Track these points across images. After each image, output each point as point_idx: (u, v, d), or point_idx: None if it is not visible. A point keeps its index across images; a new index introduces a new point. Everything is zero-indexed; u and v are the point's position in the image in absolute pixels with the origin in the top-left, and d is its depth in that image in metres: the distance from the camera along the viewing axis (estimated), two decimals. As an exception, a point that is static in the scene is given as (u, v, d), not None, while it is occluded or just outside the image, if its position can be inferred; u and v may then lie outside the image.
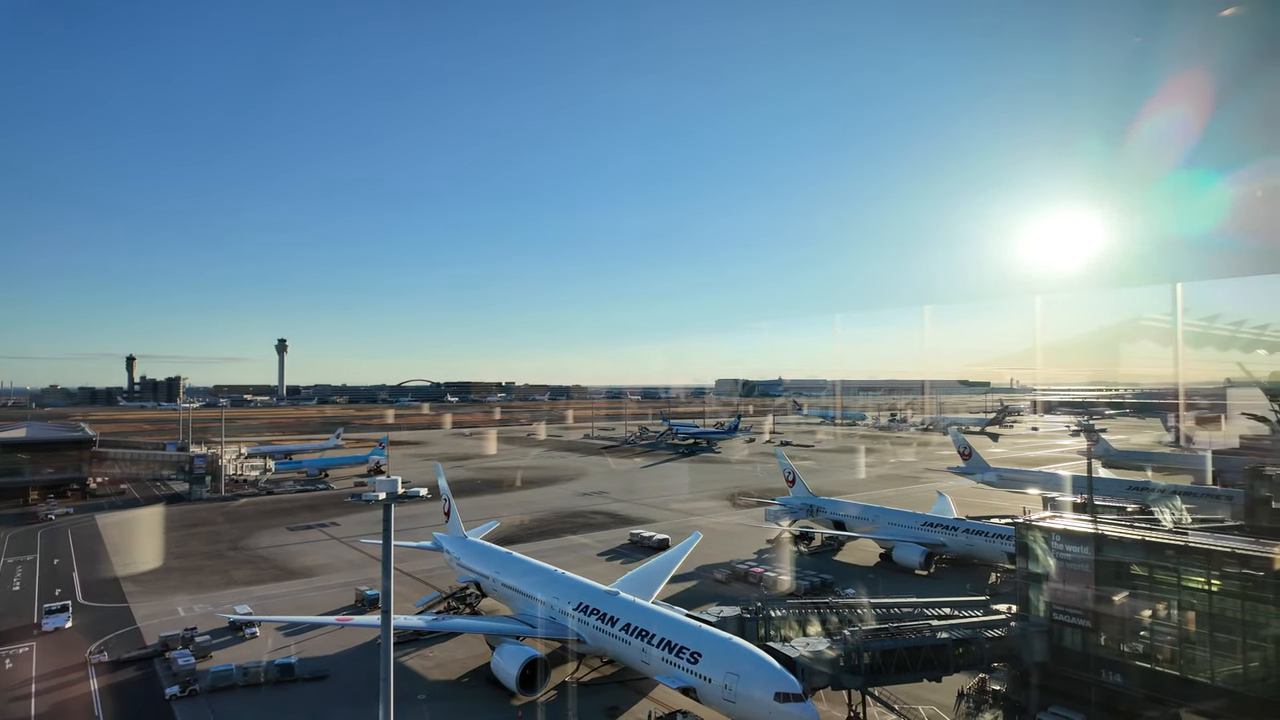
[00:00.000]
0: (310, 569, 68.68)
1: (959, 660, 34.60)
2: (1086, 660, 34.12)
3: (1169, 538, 34.39)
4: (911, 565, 65.45)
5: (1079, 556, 34.80)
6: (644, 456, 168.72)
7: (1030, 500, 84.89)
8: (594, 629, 40.52)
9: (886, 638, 34.18)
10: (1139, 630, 33.45)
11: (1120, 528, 37.03)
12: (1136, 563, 33.87)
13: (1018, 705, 35.53)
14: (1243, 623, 30.43)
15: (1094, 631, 34.05)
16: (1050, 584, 35.66)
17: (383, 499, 26.58)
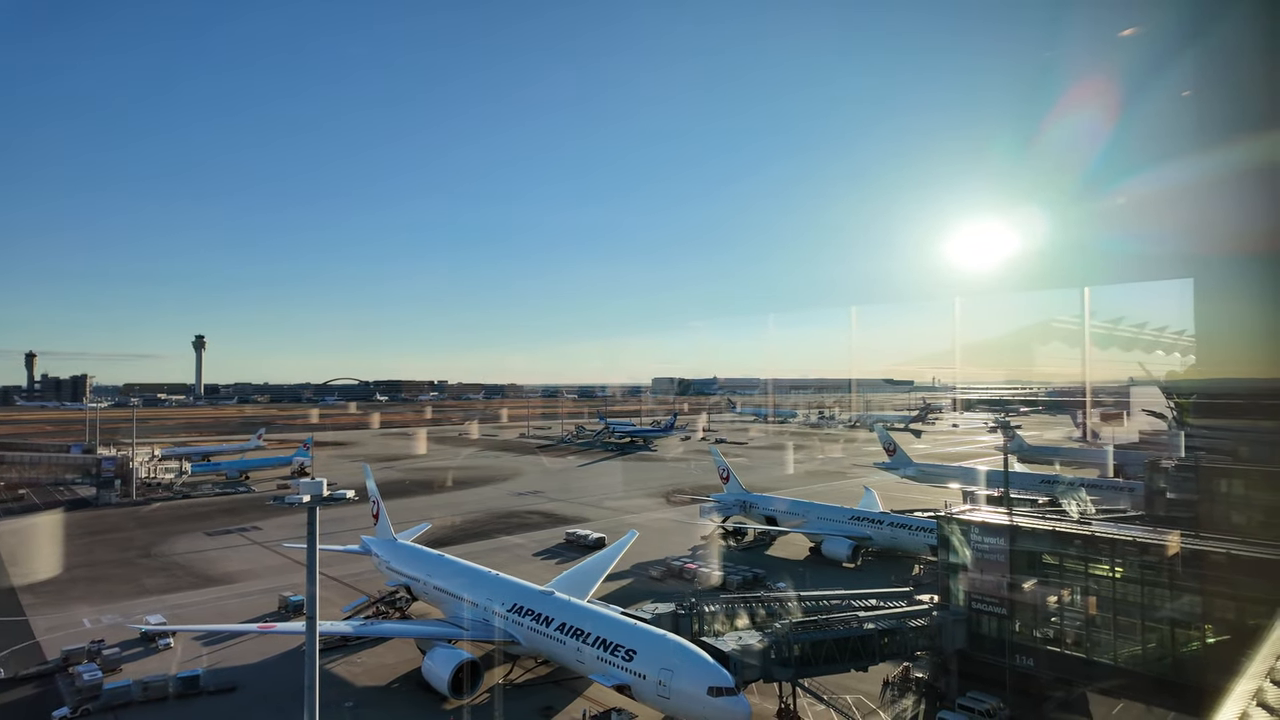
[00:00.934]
0: (230, 575, 65.73)
1: (884, 650, 35.87)
2: (1002, 646, 35.88)
3: (1077, 528, 36.52)
4: (839, 558, 67.42)
5: (995, 547, 36.57)
6: (580, 455, 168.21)
7: (951, 494, 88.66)
8: (528, 630, 40.22)
9: (815, 630, 35.17)
10: (1049, 616, 35.40)
11: (1033, 519, 39.09)
12: (1048, 552, 35.82)
13: (938, 692, 37.09)
14: (1142, 606, 32.59)
15: (1009, 619, 35.85)
16: (969, 574, 37.36)
17: (307, 502, 25.69)
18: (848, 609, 38.08)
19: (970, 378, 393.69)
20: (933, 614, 37.18)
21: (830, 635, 34.45)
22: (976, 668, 36.31)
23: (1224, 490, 47.65)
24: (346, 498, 27.39)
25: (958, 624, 36.53)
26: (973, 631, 36.52)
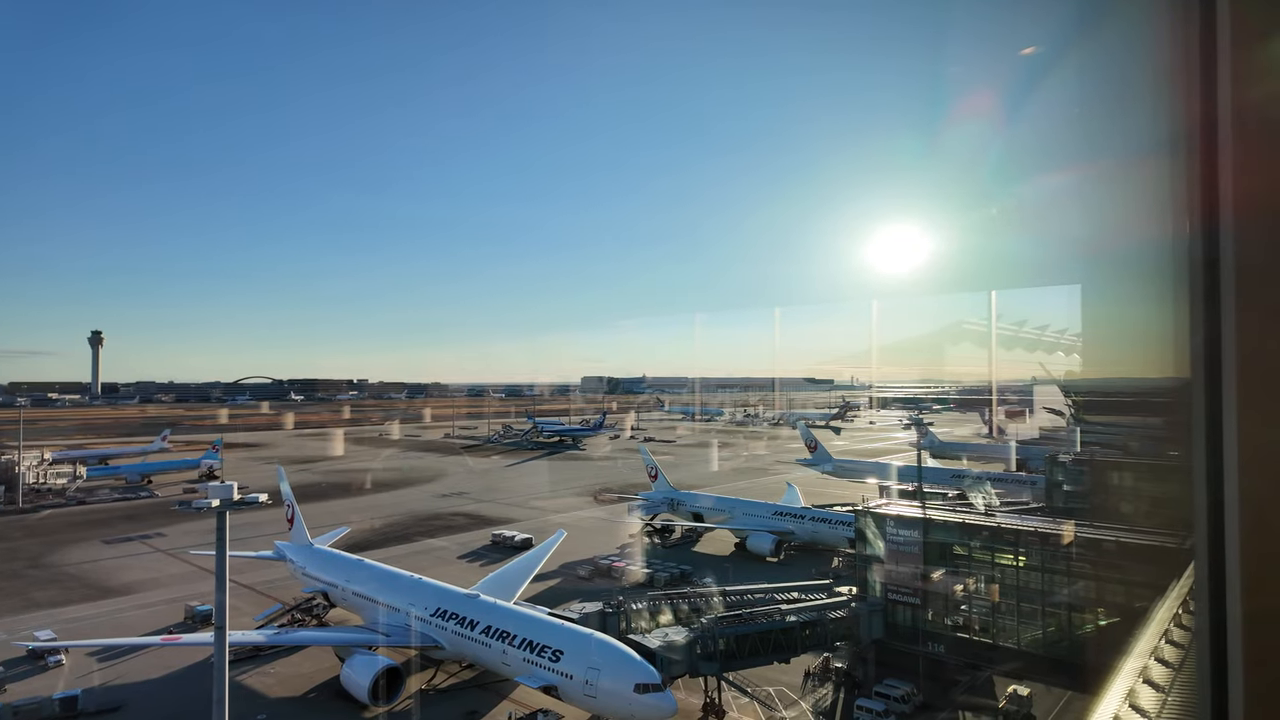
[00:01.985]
0: (131, 586, 61.90)
1: (806, 641, 36.98)
2: (915, 634, 37.53)
3: (983, 520, 38.54)
4: (763, 553, 69.04)
5: (909, 540, 38.19)
6: (508, 455, 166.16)
7: (868, 489, 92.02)
8: (453, 634, 39.50)
9: (740, 624, 35.93)
10: (959, 604, 37.26)
11: (944, 512, 41.02)
12: (958, 544, 37.69)
13: (856, 680, 38.49)
14: (1042, 592, 34.71)
15: (922, 608, 37.52)
16: (885, 566, 38.90)
17: (216, 506, 24.45)
18: (771, 603, 39.06)
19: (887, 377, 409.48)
20: (851, 605, 38.53)
21: (754, 629, 35.28)
22: (892, 656, 37.85)
23: (1115, 482, 51.09)
24: (259, 502, 26.23)
25: (874, 614, 37.98)
26: (888, 621, 38.05)
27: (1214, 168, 1.66)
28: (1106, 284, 3.54)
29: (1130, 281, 3.25)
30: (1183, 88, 1.76)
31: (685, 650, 34.61)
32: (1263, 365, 1.52)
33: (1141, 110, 2.13)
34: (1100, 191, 3.76)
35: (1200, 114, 1.69)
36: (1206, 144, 1.70)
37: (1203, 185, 1.66)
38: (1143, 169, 1.85)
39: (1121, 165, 2.49)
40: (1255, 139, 1.62)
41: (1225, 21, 1.64)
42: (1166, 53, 1.85)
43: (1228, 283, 1.58)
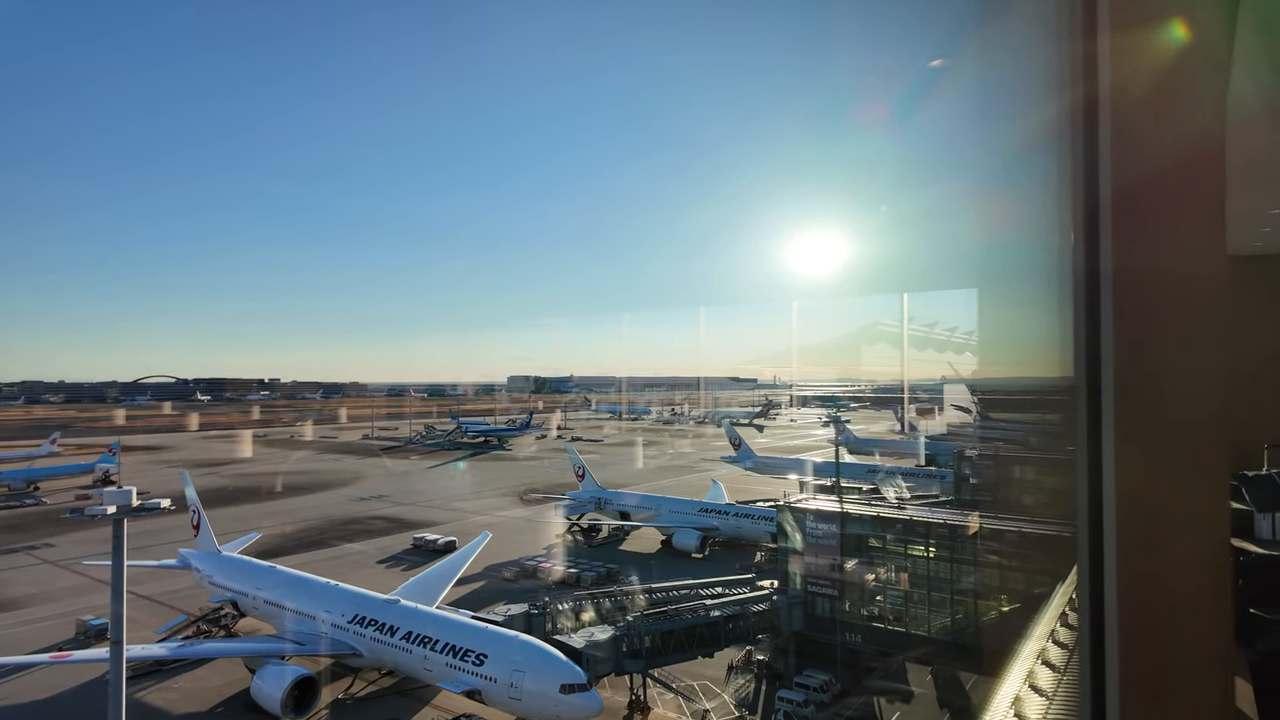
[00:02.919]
0: (15, 600, 57.33)
1: (730, 635, 37.75)
2: (833, 625, 38.88)
3: (896, 513, 40.26)
4: (689, 549, 70.00)
5: (828, 533, 39.50)
6: (431, 456, 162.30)
7: (790, 485, 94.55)
8: (371, 641, 38.35)
9: (665, 620, 36.35)
10: (874, 595, 38.81)
11: (860, 506, 42.63)
12: (873, 536, 39.22)
13: (777, 672, 39.55)
14: (950, 581, 36.55)
15: (839, 599, 38.90)
16: (804, 559, 40.13)
17: (113, 513, 22.96)
18: (696, 598, 39.68)
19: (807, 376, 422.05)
20: (773, 598, 39.55)
21: (679, 625, 35.78)
22: (811, 647, 39.07)
23: (1017, 476, 54.21)
24: (160, 507, 24.78)
25: (794, 606, 39.10)
26: (808, 613, 39.25)
27: (1095, 177, 1.81)
28: (1002, 287, 3.79)
29: (1023, 285, 3.49)
30: (1066, 96, 1.91)
31: (611, 649, 34.73)
32: (1138, 366, 1.67)
33: (1027, 119, 2.30)
34: (992, 198, 4.04)
35: (1084, 126, 1.84)
36: (1089, 153, 1.86)
37: (1085, 194, 1.82)
38: (1030, 176, 2.01)
39: (1010, 172, 2.68)
40: (1131, 144, 1.77)
41: (1105, 33, 1.79)
42: (1052, 63, 2.00)
43: (1106, 288, 1.73)
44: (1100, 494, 1.75)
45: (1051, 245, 1.99)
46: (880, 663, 38.58)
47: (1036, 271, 2.05)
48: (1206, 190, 3.66)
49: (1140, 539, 1.65)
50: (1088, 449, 1.80)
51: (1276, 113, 5.64)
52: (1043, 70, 2.10)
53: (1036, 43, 2.25)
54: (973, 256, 4.53)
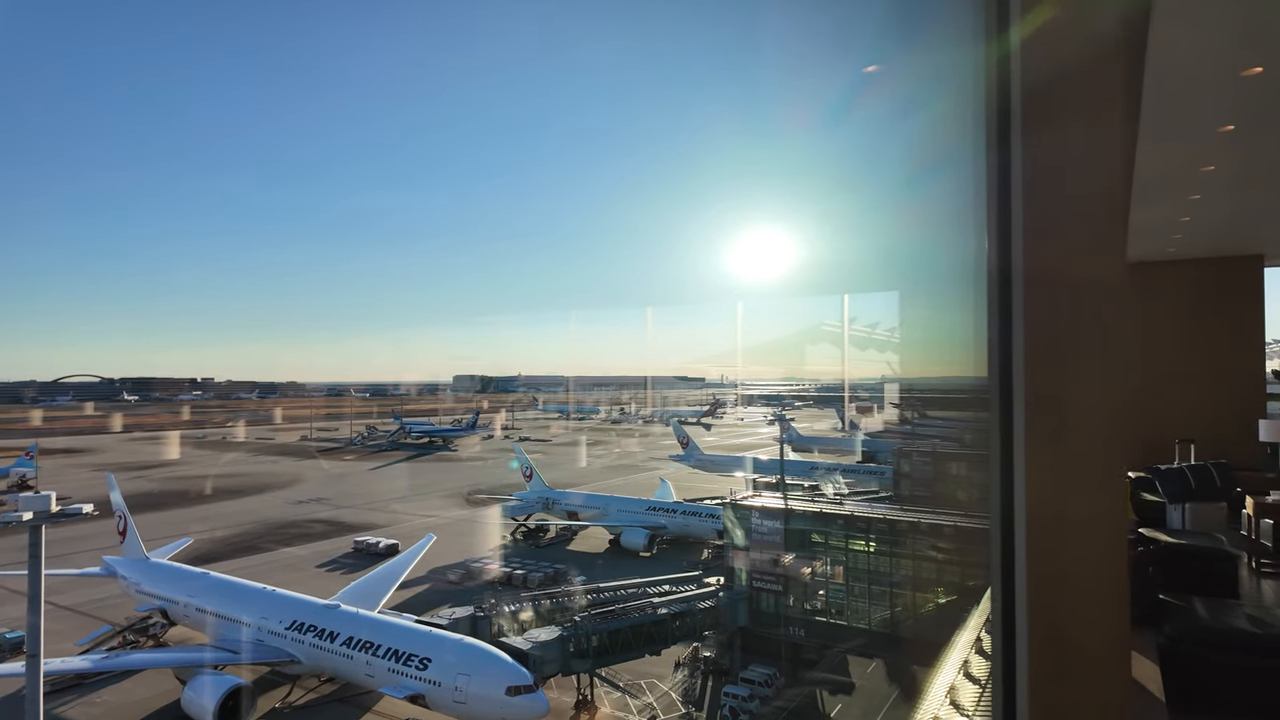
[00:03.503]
0: (-85, 616, 53.82)
1: (677, 632, 38.14)
2: (778, 620, 39.65)
3: (838, 509, 41.31)
4: (637, 548, 70.33)
5: (772, 529, 40.26)
6: (373, 458, 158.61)
7: (736, 482, 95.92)
8: (310, 647, 37.35)
9: (612, 619, 36.48)
10: (817, 589, 39.75)
11: (804, 502, 43.61)
12: (816, 531, 40.13)
13: (723, 667, 40.13)
14: (889, 575, 37.69)
15: (784, 594, 39.70)
16: (750, 555, 40.82)
17: (29, 519, 21.79)
18: (643, 597, 39.95)
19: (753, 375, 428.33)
20: (719, 595, 40.10)
21: (627, 623, 35.97)
22: (756, 642, 39.77)
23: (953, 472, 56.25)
24: (83, 513, 23.63)
25: (740, 602, 39.73)
26: (753, 608, 39.94)
27: (1007, 183, 1.92)
28: (930, 289, 3.95)
29: (946, 287, 3.66)
30: (981, 106, 2.02)
31: (558, 649, 34.69)
32: (1045, 367, 1.79)
33: (946, 127, 2.42)
34: (915, 203, 4.22)
35: (996, 135, 1.94)
36: (1001, 159, 1.96)
37: (998, 199, 1.93)
38: (949, 181, 2.12)
39: (931, 177, 2.81)
40: (1041, 153, 1.88)
41: (1018, 50, 1.90)
42: (969, 75, 2.11)
43: (1018, 291, 1.84)
44: (1011, 489, 1.87)
45: (968, 249, 2.10)
46: (822, 656, 39.52)
47: (957, 274, 2.16)
48: (1112, 200, 3.89)
49: (1047, 531, 1.77)
50: (1000, 446, 1.92)
51: (1189, 128, 6.01)
52: (960, 80, 2.22)
53: (955, 54, 2.37)
54: (900, 259, 4.68)
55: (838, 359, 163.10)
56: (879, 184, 8.82)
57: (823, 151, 25.32)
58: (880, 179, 7.99)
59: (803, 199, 67.73)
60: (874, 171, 7.70)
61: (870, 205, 11.07)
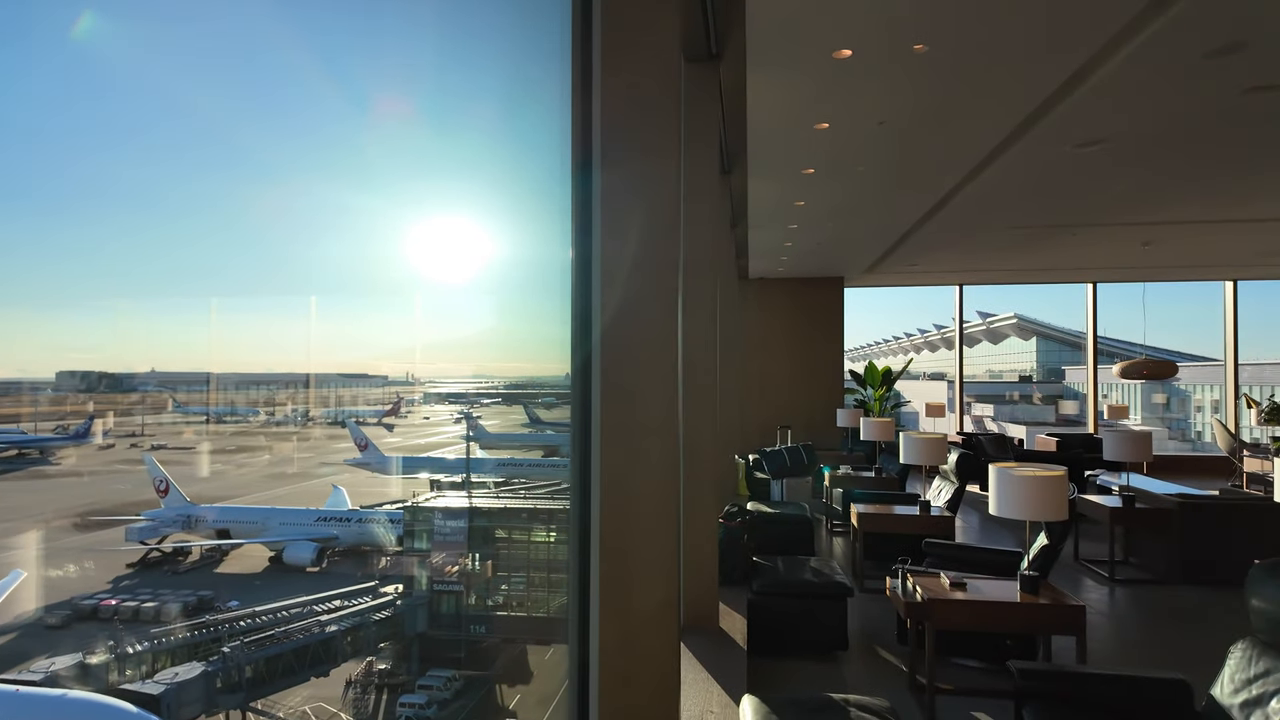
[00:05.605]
0: None
1: (348, 649, 35.71)
2: (459, 621, 39.44)
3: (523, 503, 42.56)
4: (303, 563, 64.15)
5: (456, 529, 39.91)
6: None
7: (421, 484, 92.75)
8: None
9: (271, 645, 32.89)
10: (500, 585, 40.45)
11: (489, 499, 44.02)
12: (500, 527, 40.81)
13: (400, 678, 38.66)
14: (567, 563, 39.95)
15: (466, 594, 39.66)
16: (431, 558, 39.99)
17: None
18: (310, 615, 36.69)
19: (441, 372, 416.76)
20: (396, 603, 38.57)
21: (289, 647, 32.74)
22: (437, 647, 39.03)
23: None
24: None
25: (419, 608, 38.64)
26: (433, 612, 39.16)
27: (589, 174, 2.29)
28: (546, 289, 4.38)
29: (527, 294, 4.14)
30: (567, 115, 2.37)
31: (201, 687, 30.20)
32: (618, 354, 2.19)
33: (536, 117, 2.74)
34: (521, 198, 4.71)
35: (581, 127, 2.30)
36: (584, 153, 2.33)
37: (580, 208, 2.30)
38: (540, 177, 2.44)
39: (528, 171, 3.09)
40: (620, 137, 2.26)
41: (597, 75, 2.26)
42: (556, 79, 2.46)
43: (596, 284, 2.23)
44: (589, 471, 2.25)
45: (565, 250, 2.45)
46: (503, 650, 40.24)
47: (550, 279, 2.48)
48: (712, 226, 4.74)
49: (616, 512, 2.17)
50: (580, 435, 2.29)
51: (783, 168, 7.33)
52: (548, 103, 2.54)
53: (544, 80, 2.70)
54: (523, 266, 5.02)
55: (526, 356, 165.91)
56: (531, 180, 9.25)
57: (479, 151, 25.92)
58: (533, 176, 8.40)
59: (473, 197, 67.52)
60: (523, 169, 8.02)
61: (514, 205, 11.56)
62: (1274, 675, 3.09)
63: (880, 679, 5.07)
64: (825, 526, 9.89)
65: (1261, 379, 26.06)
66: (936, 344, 40.65)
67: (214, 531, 55.23)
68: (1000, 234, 10.81)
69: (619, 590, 2.22)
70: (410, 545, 45.42)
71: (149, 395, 64.03)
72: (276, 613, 38.08)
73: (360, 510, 59.60)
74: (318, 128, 5.43)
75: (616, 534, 2.23)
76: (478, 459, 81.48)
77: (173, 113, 54.22)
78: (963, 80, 5.08)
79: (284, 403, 77.76)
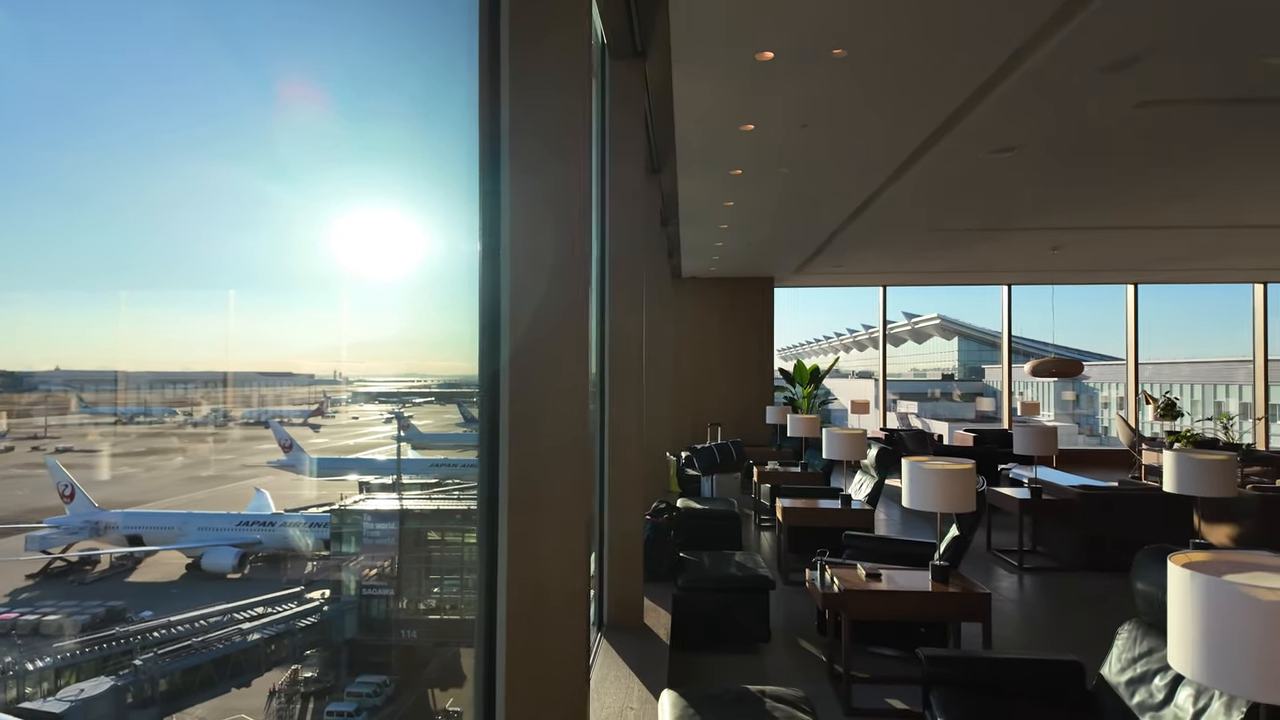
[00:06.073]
0: None
1: (272, 658, 34.49)
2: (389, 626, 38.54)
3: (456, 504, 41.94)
4: (224, 570, 61.60)
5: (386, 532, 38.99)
6: None
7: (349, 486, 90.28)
8: None
9: (188, 655, 31.54)
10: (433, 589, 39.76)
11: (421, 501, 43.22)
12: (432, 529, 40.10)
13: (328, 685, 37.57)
14: (476, 566, 39.60)
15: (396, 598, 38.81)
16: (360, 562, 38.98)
17: None
18: (231, 623, 35.33)
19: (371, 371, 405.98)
20: (323, 609, 37.47)
21: (207, 658, 31.44)
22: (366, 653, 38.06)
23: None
24: None
25: (348, 614, 37.59)
26: (363, 617, 38.18)
27: (497, 164, 2.27)
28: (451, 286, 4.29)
29: (439, 295, 4.10)
30: (475, 119, 2.35)
31: (110, 702, 28.65)
32: (526, 352, 2.18)
33: (449, 109, 2.68)
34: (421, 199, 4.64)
35: (489, 118, 2.27)
36: (492, 145, 2.30)
37: (488, 189, 2.29)
38: (457, 169, 2.41)
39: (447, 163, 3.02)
40: (527, 129, 2.24)
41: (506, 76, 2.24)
42: (462, 93, 2.43)
43: (505, 279, 2.21)
44: (497, 467, 2.23)
45: (473, 252, 2.42)
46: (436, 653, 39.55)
47: (461, 281, 2.46)
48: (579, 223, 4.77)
49: (524, 511, 2.16)
50: (488, 435, 2.27)
51: (712, 168, 7.41)
52: (455, 104, 2.50)
53: (452, 78, 2.66)
54: (445, 257, 4.94)
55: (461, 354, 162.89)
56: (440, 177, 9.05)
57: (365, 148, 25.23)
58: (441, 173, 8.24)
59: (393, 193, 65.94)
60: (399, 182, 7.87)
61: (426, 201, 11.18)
62: (1156, 654, 3.29)
63: (801, 669, 5.20)
64: (754, 521, 10.06)
65: (1160, 377, 27.86)
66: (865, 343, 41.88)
67: (125, 538, 53.03)
68: (921, 237, 11.22)
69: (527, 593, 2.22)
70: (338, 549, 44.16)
71: (52, 394, 60.09)
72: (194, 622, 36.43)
73: (285, 514, 58.51)
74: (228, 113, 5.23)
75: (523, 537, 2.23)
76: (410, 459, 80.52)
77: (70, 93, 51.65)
78: (880, 86, 5.24)
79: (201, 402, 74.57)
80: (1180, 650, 2.11)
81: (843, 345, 45.08)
